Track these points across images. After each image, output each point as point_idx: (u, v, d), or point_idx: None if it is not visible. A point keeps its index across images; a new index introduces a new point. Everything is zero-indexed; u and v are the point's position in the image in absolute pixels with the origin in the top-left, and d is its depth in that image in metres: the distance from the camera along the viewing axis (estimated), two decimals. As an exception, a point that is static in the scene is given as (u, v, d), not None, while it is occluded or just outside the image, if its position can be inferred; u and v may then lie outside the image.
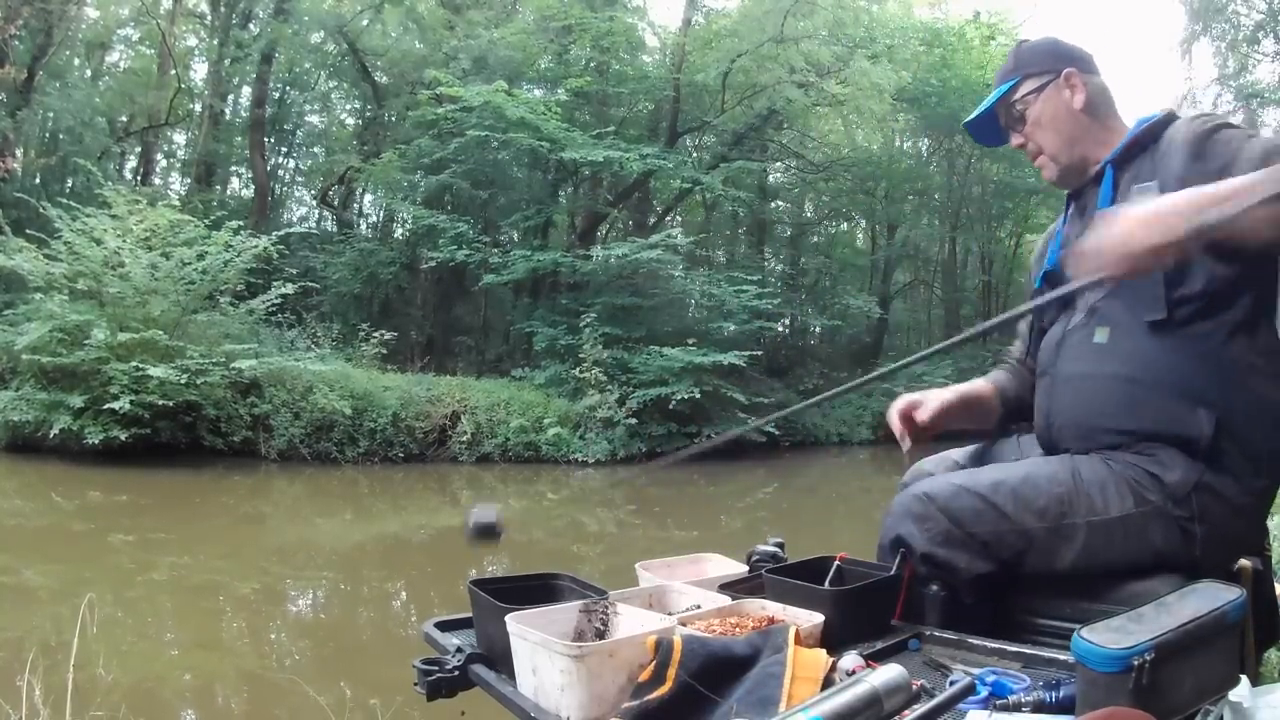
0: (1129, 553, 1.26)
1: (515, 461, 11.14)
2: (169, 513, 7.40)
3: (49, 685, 2.33)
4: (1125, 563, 1.27)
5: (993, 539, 1.31)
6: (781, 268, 20.95)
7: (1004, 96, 1.46)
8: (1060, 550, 1.29)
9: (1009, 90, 1.45)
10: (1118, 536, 1.26)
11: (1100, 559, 1.27)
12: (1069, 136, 1.41)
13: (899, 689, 0.89)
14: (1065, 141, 1.42)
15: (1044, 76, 1.42)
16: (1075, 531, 1.27)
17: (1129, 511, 1.25)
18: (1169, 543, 1.25)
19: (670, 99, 15.80)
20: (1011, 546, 1.31)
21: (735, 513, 9.30)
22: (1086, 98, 1.41)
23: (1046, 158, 1.44)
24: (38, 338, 8.79)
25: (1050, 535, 1.29)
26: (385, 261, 15.12)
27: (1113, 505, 1.26)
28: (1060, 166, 1.43)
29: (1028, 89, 1.44)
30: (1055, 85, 1.42)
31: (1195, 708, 0.90)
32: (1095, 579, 1.30)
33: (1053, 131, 1.42)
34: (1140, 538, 1.25)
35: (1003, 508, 1.31)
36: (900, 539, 1.37)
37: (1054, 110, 1.42)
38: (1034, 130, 1.44)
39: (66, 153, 14.06)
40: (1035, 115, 1.43)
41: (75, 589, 4.42)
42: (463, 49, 14.95)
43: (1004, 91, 1.46)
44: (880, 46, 16.34)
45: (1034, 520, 1.29)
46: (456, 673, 1.19)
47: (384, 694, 2.95)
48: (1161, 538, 1.25)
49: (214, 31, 16.25)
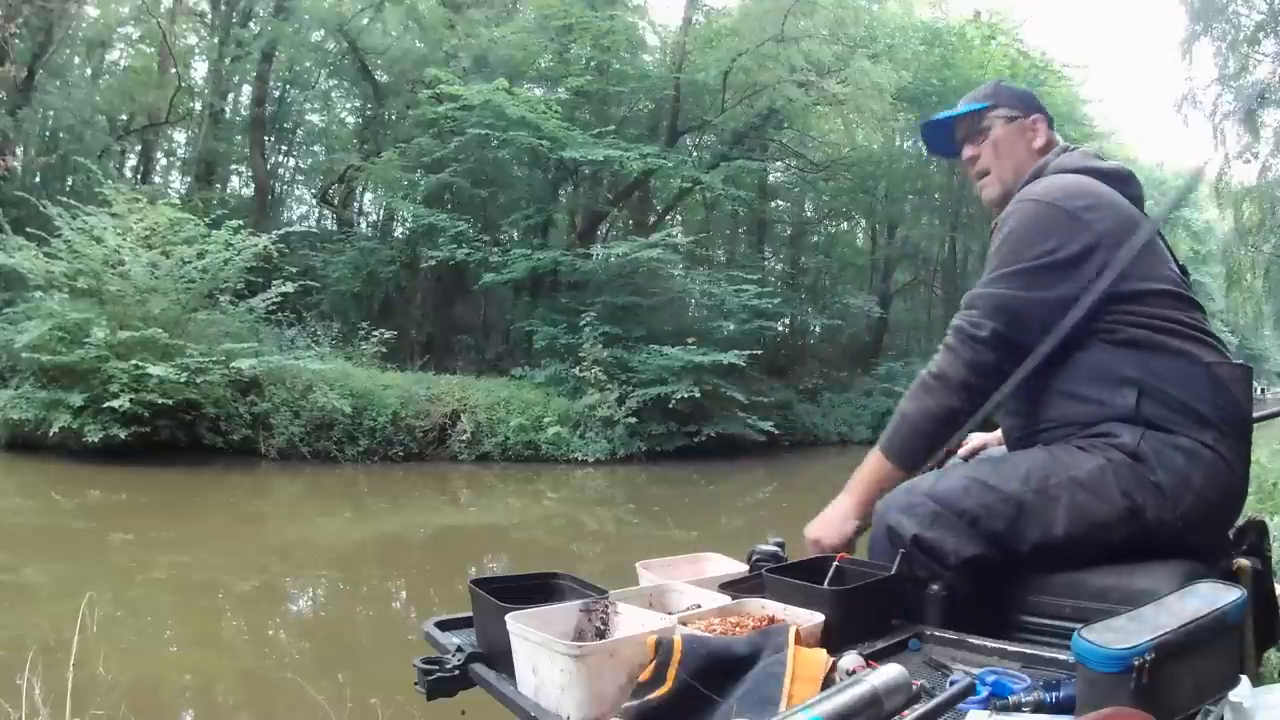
0: (1113, 507, 1.31)
1: (515, 460, 11.14)
2: (169, 511, 7.40)
3: (49, 684, 2.34)
4: (1112, 519, 1.30)
5: (982, 511, 1.34)
6: (781, 267, 20.96)
7: (976, 112, 1.62)
8: (1050, 513, 1.32)
9: (983, 109, 1.61)
10: (1098, 490, 1.31)
11: (1088, 518, 1.31)
12: (1017, 169, 1.57)
13: (899, 689, 0.89)
14: (1014, 171, 1.58)
15: (1015, 112, 1.60)
16: (1060, 490, 1.33)
17: (1100, 464, 1.33)
18: (1143, 494, 1.30)
19: (670, 98, 15.80)
20: (1002, 516, 1.34)
21: (735, 512, 9.30)
22: (1044, 145, 1.59)
23: (994, 178, 1.60)
24: (38, 336, 8.79)
25: (1038, 498, 1.33)
26: (385, 260, 15.12)
27: (1085, 463, 1.34)
28: (1003, 190, 1.58)
29: (999, 115, 1.60)
30: (1022, 123, 1.60)
31: (1195, 708, 0.90)
32: (1095, 562, 1.31)
33: (1008, 159, 1.59)
34: (1117, 490, 1.31)
35: (987, 481, 1.38)
36: (891, 529, 1.39)
37: (1015, 142, 1.59)
38: (990, 151, 1.60)
39: (67, 151, 14.04)
40: (997, 138, 1.60)
41: (75, 588, 4.42)
42: (463, 48, 14.95)
43: (978, 108, 1.61)
44: (881, 46, 16.35)
45: (1019, 485, 1.35)
46: (457, 672, 1.18)
47: (384, 693, 2.96)
48: (1135, 489, 1.30)
49: (214, 30, 16.26)
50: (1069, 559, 1.33)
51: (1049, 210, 1.41)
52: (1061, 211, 1.40)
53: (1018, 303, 1.41)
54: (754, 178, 17.89)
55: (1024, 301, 1.40)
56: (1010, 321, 1.41)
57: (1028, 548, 1.34)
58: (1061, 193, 1.43)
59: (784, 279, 19.91)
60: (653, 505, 9.65)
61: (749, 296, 14.11)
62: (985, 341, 1.43)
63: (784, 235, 21.87)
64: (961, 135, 1.65)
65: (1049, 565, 1.34)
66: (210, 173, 16.39)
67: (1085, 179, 1.46)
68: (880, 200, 20.62)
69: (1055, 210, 1.41)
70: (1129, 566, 1.30)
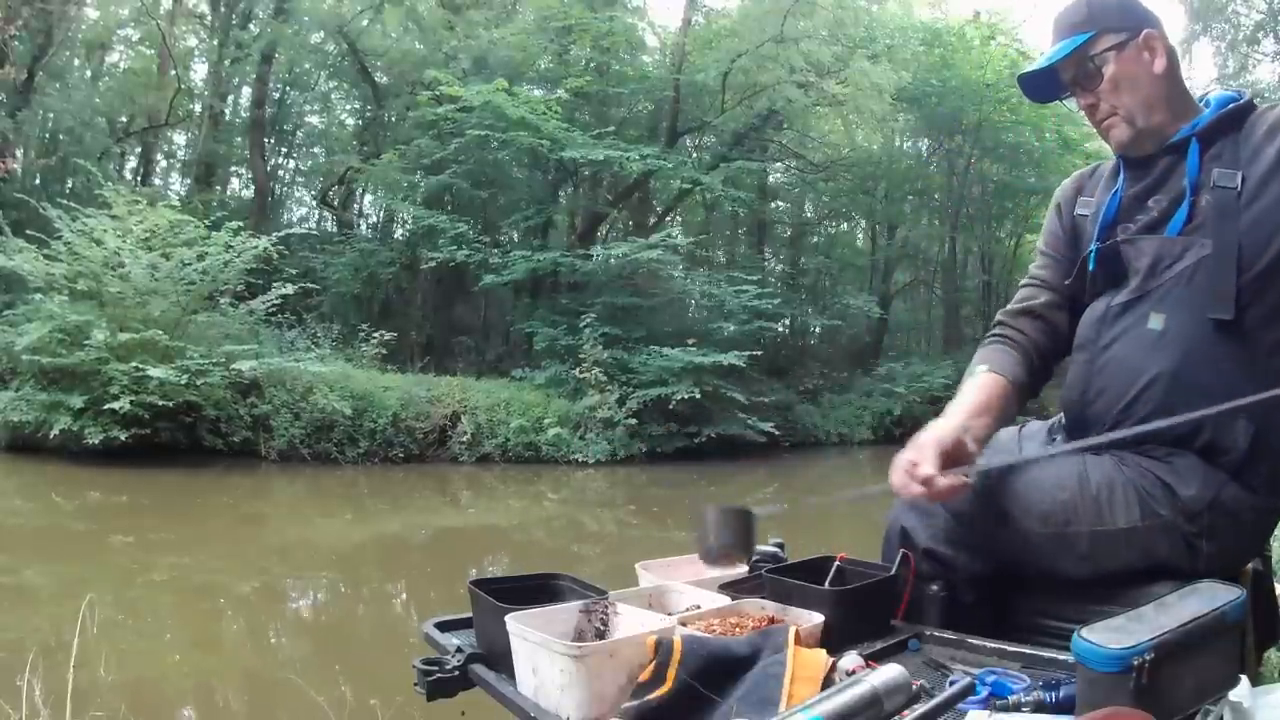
0: (1131, 563, 1.24)
1: (515, 462, 11.14)
2: (169, 513, 7.40)
3: (49, 685, 2.34)
4: (1126, 572, 1.25)
5: (993, 541, 1.31)
6: (781, 268, 20.95)
7: (1079, 49, 1.33)
8: (1061, 557, 1.27)
9: (1085, 43, 1.33)
10: (1121, 547, 1.23)
11: (1101, 568, 1.26)
12: (1148, 100, 1.32)
13: (899, 689, 0.89)
14: (1144, 105, 1.32)
15: (1122, 34, 1.31)
16: (1078, 540, 1.24)
17: (1134, 524, 1.22)
18: (1173, 555, 1.22)
19: (670, 99, 15.79)
20: (1011, 549, 1.30)
21: (735, 513, 9.27)
22: (1167, 63, 1.32)
23: (1121, 119, 1.33)
24: (38, 338, 8.79)
25: (1051, 541, 1.26)
26: (385, 262, 15.11)
27: (1119, 515, 1.22)
28: (1135, 130, 1.33)
29: (1106, 44, 1.32)
30: (1135, 45, 1.31)
31: (1195, 708, 0.90)
32: (1095, 584, 1.29)
33: (1131, 93, 1.32)
34: (1144, 550, 1.23)
35: (1006, 509, 1.28)
36: (905, 531, 1.37)
37: (1134, 71, 1.31)
38: (1110, 89, 1.32)
39: (66, 153, 14.04)
40: (1113, 74, 1.31)
41: (75, 589, 4.42)
42: (463, 49, 14.95)
43: (1080, 44, 1.33)
44: (880, 46, 16.35)
45: (1036, 525, 1.26)
46: (456, 673, 1.18)
47: (384, 694, 2.96)
48: (1166, 551, 1.22)
49: (214, 32, 16.25)
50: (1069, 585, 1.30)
51: None
52: None
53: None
54: (754, 178, 17.88)
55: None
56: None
57: (1036, 575, 1.31)
58: None
59: (784, 279, 19.89)
60: (653, 506, 9.65)
61: (749, 297, 14.10)
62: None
63: (784, 236, 21.86)
64: (1069, 78, 1.37)
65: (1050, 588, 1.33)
66: (210, 175, 16.38)
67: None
68: (880, 200, 20.61)
69: None
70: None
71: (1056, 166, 18.88)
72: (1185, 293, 1.25)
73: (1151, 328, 1.26)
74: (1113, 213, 1.39)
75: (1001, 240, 22.72)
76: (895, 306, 21.98)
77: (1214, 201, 1.25)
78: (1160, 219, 1.32)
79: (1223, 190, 1.25)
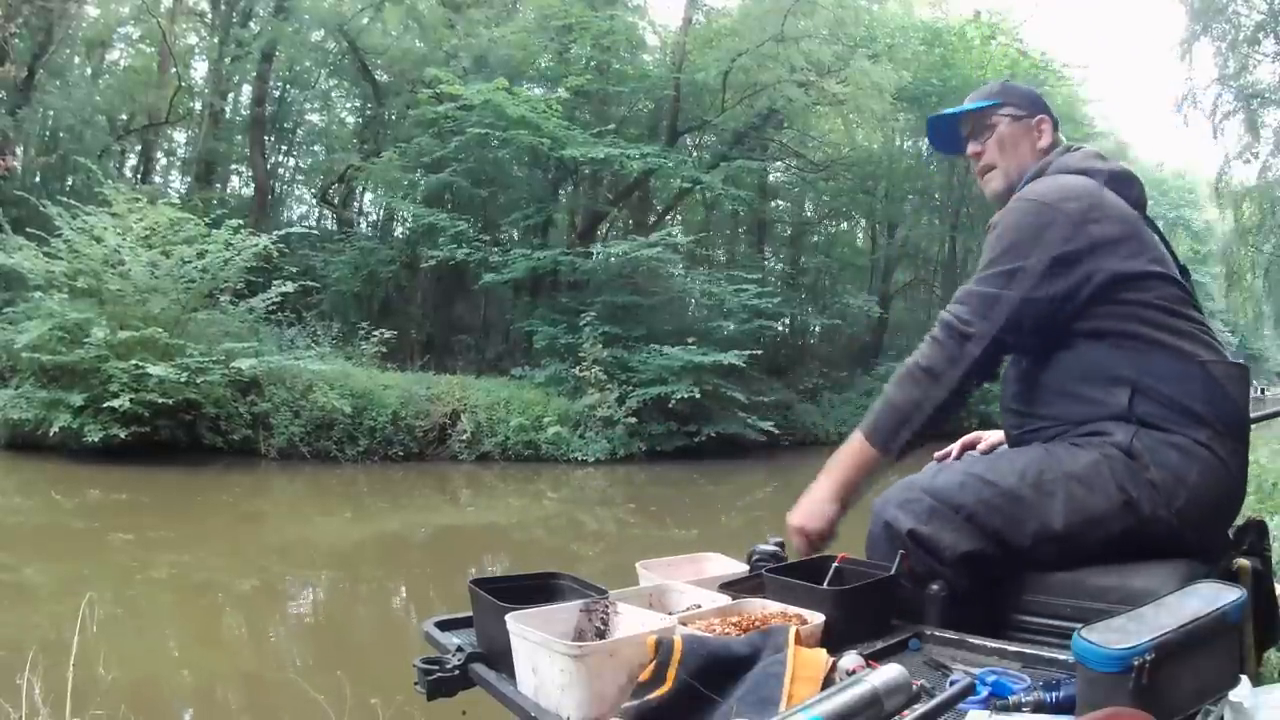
0: (1109, 502, 1.31)
1: (515, 460, 11.14)
2: (169, 511, 7.40)
3: (49, 684, 2.34)
4: (1109, 514, 1.31)
5: (979, 506, 1.35)
6: (781, 267, 20.95)
7: (984, 109, 1.64)
8: (1047, 507, 1.33)
9: (990, 107, 1.63)
10: (1094, 485, 1.32)
11: (1085, 512, 1.31)
12: (1021, 166, 1.59)
13: (899, 689, 0.89)
14: (1018, 168, 1.59)
15: (1021, 111, 1.62)
16: (1055, 486, 1.33)
17: (1095, 460, 1.33)
18: (1138, 489, 1.30)
19: (670, 98, 15.80)
20: (999, 511, 1.34)
21: (735, 512, 9.30)
22: (1048, 144, 1.61)
23: (999, 173, 1.62)
24: (38, 336, 8.79)
25: (1034, 493, 1.34)
26: (385, 260, 15.12)
27: (1081, 459, 1.35)
28: (1007, 184, 1.60)
29: (1005, 113, 1.62)
30: (1028, 122, 1.62)
31: (1195, 708, 0.90)
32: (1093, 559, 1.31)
33: (1013, 156, 1.61)
34: (1113, 484, 1.31)
35: (983, 476, 1.39)
36: (888, 524, 1.41)
37: (1020, 140, 1.61)
38: (995, 147, 1.62)
39: (67, 151, 14.04)
40: (1003, 135, 1.62)
41: (75, 587, 4.43)
42: (463, 47, 14.94)
43: (985, 106, 1.64)
44: (880, 46, 16.35)
45: (1015, 481, 1.36)
46: (457, 672, 1.19)
47: (384, 693, 2.96)
48: (1130, 484, 1.31)
49: (214, 30, 16.25)
50: (1067, 554, 1.33)
51: (1045, 210, 1.41)
52: (1058, 212, 1.40)
53: (1008, 301, 1.40)
54: (754, 178, 17.88)
55: (1015, 300, 1.40)
56: (1000, 320, 1.41)
57: (1026, 542, 1.34)
58: (1059, 193, 1.43)
59: (784, 279, 19.89)
60: (652, 505, 9.65)
61: (749, 296, 14.10)
62: (973, 339, 1.42)
63: (784, 235, 21.85)
64: (967, 132, 1.67)
65: (1047, 561, 1.34)
66: (210, 172, 16.39)
67: (1085, 180, 1.46)
68: (880, 200, 20.61)
69: (1052, 210, 1.41)
70: (1128, 566, 1.30)
71: (1056, 166, 18.85)
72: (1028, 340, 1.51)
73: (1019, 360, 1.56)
74: None
75: (1001, 240, 22.70)
76: (895, 306, 21.96)
77: None
78: None
79: None
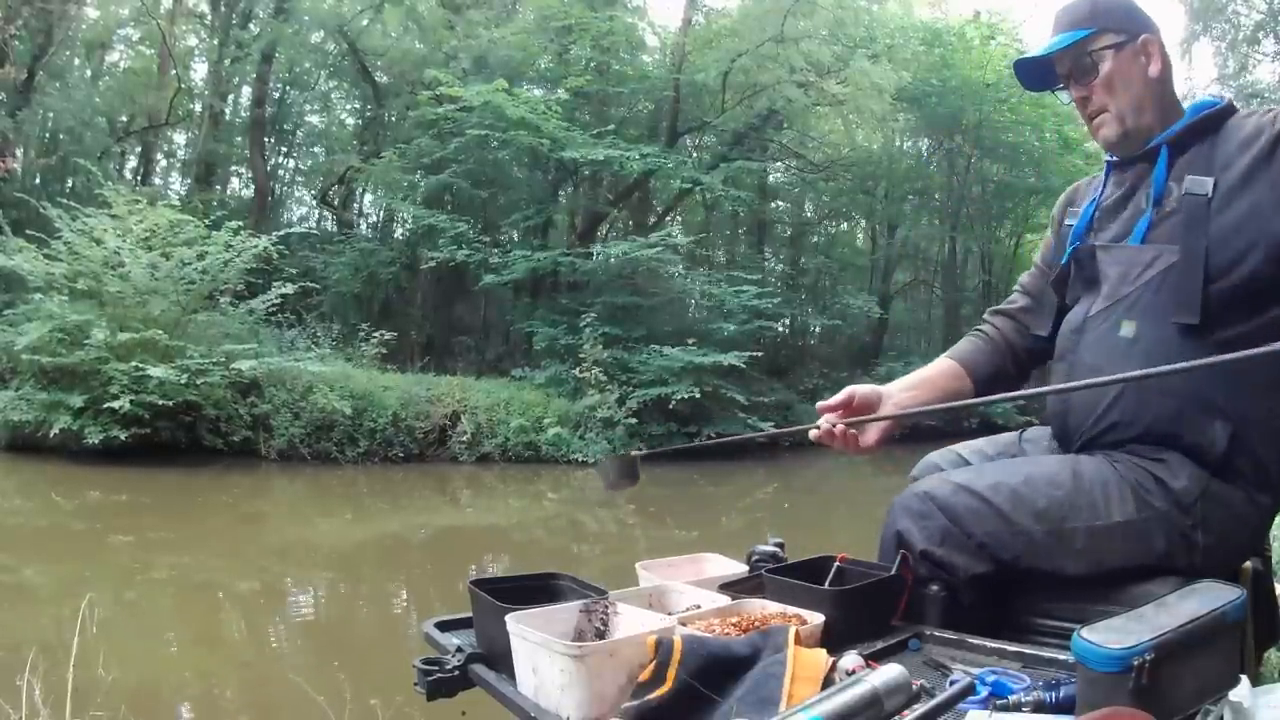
0: (1130, 557, 1.25)
1: (515, 461, 11.14)
2: (169, 512, 7.40)
3: (49, 685, 2.34)
4: (1125, 568, 1.26)
5: (990, 540, 1.30)
6: (781, 268, 20.93)
7: (1078, 43, 1.36)
8: (1059, 554, 1.27)
9: (1085, 39, 1.35)
10: (1118, 541, 1.24)
11: (1100, 564, 1.26)
12: (1139, 102, 1.35)
13: (899, 689, 0.89)
14: (1135, 106, 1.35)
15: (1122, 35, 1.35)
16: (1074, 535, 1.26)
17: (1130, 517, 1.23)
18: (1171, 548, 1.23)
19: (670, 99, 15.79)
20: (1009, 548, 1.30)
21: (735, 513, 9.30)
22: (1161, 68, 1.35)
23: (1111, 116, 1.36)
24: (38, 338, 8.79)
25: (1049, 538, 1.27)
26: (385, 261, 15.11)
27: (1114, 509, 1.24)
28: (1124, 129, 1.36)
29: (1105, 43, 1.35)
30: (1133, 47, 1.35)
31: (1195, 708, 0.90)
32: (1095, 582, 1.29)
33: (1124, 93, 1.35)
34: (1141, 543, 1.24)
35: (1001, 509, 1.30)
36: (900, 535, 1.37)
37: (1129, 71, 1.35)
38: (1103, 86, 1.35)
39: (66, 153, 14.05)
40: (1108, 71, 1.35)
41: (75, 588, 4.42)
42: (463, 49, 14.94)
43: (1080, 38, 1.36)
44: (880, 46, 16.33)
45: (1032, 522, 1.28)
46: (456, 673, 1.18)
47: (384, 694, 2.96)
48: (1164, 543, 1.23)
49: (214, 31, 16.25)
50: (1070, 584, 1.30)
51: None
52: None
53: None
54: (754, 178, 17.87)
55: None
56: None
57: (1036, 576, 1.31)
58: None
59: (784, 279, 19.88)
60: (652, 506, 9.65)
61: (749, 297, 14.09)
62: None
63: (784, 236, 21.85)
64: (1064, 70, 1.40)
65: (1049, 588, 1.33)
66: (210, 174, 16.38)
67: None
68: (880, 200, 20.60)
69: None
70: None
71: (1057, 167, 18.87)
72: (1154, 300, 1.28)
73: (1123, 335, 1.30)
74: (1086, 221, 1.44)
75: (1001, 240, 22.71)
76: (895, 306, 21.97)
77: (1184, 209, 1.28)
78: (1128, 227, 1.36)
79: (1193, 198, 1.27)
